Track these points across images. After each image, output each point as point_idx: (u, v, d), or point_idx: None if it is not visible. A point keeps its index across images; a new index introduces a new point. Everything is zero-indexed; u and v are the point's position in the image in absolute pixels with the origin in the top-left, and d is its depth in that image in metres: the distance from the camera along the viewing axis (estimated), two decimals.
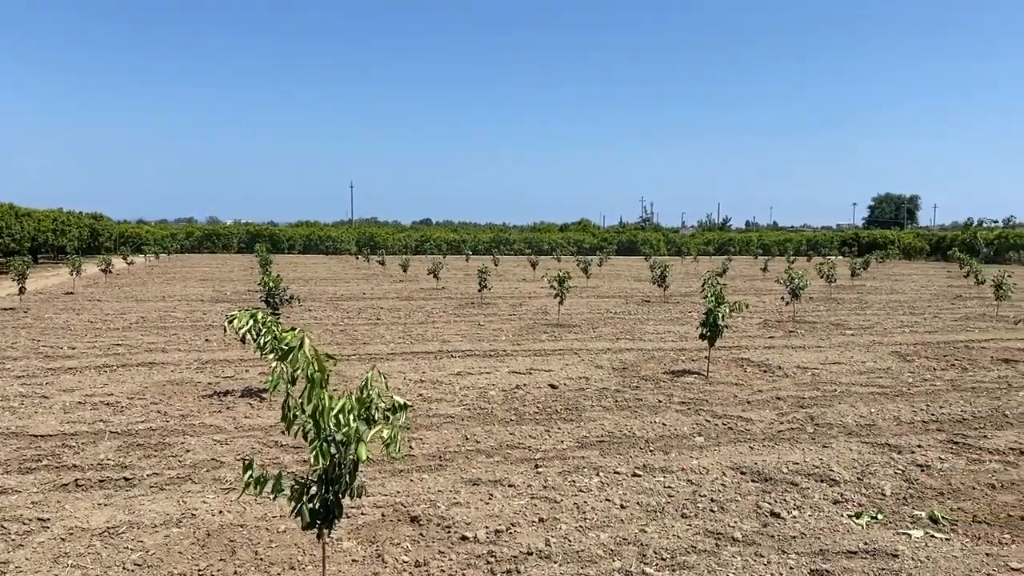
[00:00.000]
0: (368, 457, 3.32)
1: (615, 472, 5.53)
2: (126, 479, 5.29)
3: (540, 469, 5.60)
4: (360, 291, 22.07)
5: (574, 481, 5.34)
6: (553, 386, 8.53)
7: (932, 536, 4.44)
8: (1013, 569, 4.00)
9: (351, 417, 3.33)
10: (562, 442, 6.34)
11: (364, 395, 3.42)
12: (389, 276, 29.55)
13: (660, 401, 7.85)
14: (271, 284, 9.68)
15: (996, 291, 15.91)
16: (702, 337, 9.22)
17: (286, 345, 3.34)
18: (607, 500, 4.97)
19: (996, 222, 70.86)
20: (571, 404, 7.69)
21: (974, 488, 5.30)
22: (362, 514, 4.70)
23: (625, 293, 22.47)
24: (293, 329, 3.34)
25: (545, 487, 5.22)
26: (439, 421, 6.97)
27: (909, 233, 69.20)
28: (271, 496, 3.19)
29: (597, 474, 5.49)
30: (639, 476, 5.45)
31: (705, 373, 9.33)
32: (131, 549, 4.17)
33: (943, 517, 4.72)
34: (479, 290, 18.65)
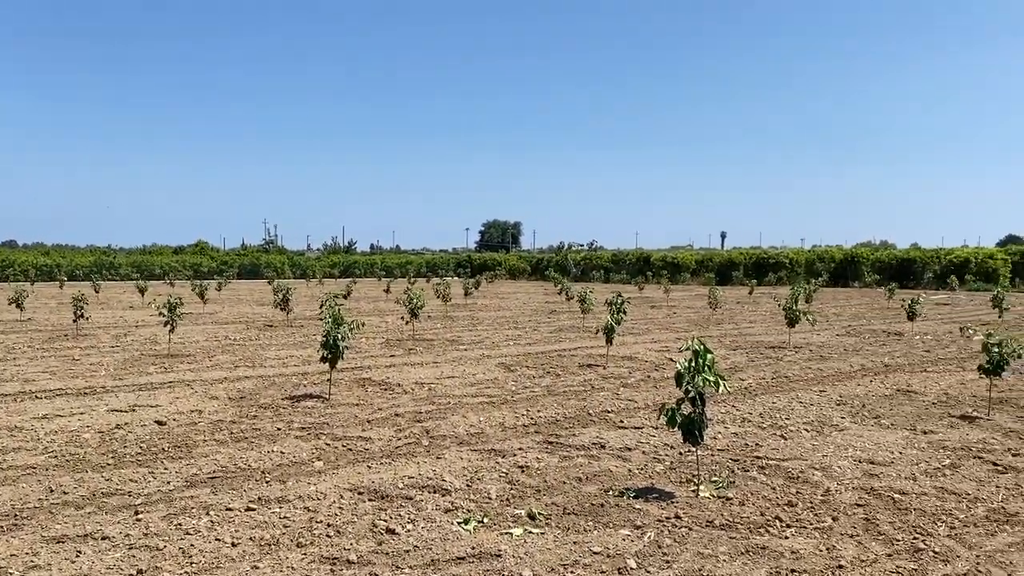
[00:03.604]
0: None
1: (227, 509, 5.21)
2: None
3: (141, 516, 5.06)
4: None
5: (180, 524, 4.91)
6: (160, 423, 7.83)
7: (530, 532, 4.86)
8: (595, 552, 4.53)
9: None
10: (168, 483, 5.81)
11: None
12: None
13: (279, 429, 7.62)
14: None
15: (581, 305, 18.20)
16: (323, 360, 9.17)
17: None
18: (217, 540, 4.65)
19: (583, 245, 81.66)
20: (181, 441, 7.11)
21: (564, 483, 5.94)
22: None
23: (247, 318, 21.60)
24: None
25: (146, 534, 4.73)
26: (16, 473, 5.98)
27: (514, 255, 76.51)
28: None
29: (207, 513, 5.12)
30: (253, 510, 5.20)
31: (327, 396, 9.28)
32: None
33: (539, 513, 5.20)
34: (74, 320, 16.53)
